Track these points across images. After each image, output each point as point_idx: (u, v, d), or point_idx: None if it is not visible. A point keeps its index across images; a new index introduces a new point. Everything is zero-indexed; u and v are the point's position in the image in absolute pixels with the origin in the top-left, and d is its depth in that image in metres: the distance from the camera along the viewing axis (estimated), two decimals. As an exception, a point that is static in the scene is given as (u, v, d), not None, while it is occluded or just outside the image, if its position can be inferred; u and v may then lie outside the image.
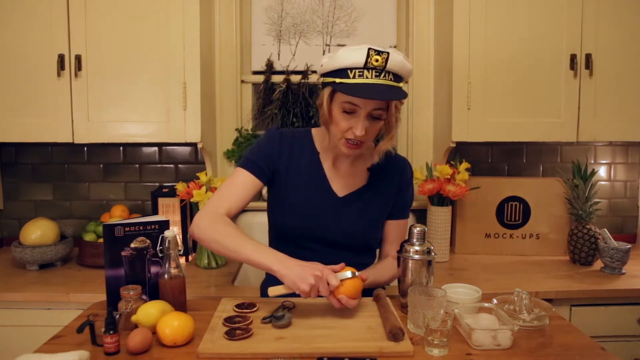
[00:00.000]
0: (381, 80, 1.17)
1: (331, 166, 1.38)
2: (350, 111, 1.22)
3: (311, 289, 1.11)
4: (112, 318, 1.04)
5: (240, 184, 1.32)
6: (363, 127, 1.21)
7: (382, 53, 1.16)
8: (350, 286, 1.15)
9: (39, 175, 2.24)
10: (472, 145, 2.22)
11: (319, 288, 1.12)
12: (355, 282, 1.16)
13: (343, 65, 1.18)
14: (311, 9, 2.26)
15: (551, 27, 1.90)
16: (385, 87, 1.18)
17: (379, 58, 1.16)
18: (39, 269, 1.88)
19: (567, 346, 1.09)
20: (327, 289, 1.13)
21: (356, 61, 1.16)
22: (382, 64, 1.16)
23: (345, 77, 1.18)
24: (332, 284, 1.13)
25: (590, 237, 1.92)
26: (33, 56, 1.85)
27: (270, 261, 1.17)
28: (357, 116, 1.22)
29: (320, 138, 1.40)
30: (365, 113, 1.21)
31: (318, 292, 1.13)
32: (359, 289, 1.17)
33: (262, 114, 2.24)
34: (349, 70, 1.17)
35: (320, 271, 1.13)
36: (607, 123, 1.94)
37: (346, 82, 1.18)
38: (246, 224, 2.16)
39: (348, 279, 1.15)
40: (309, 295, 1.12)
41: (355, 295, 1.16)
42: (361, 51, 1.16)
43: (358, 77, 1.17)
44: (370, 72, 1.17)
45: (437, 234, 2.01)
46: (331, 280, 1.13)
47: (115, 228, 1.23)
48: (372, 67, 1.16)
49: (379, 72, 1.17)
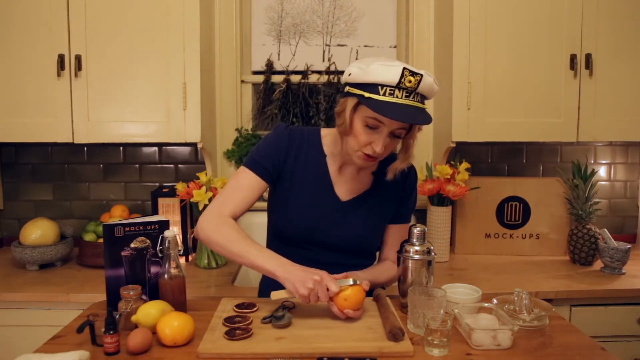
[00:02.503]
0: (410, 101, 1.16)
1: (337, 170, 1.36)
2: (374, 126, 1.20)
3: (310, 293, 1.12)
4: (112, 318, 1.04)
5: (245, 185, 1.31)
6: (384, 145, 1.21)
7: (417, 75, 1.14)
8: (353, 298, 1.14)
9: (39, 175, 2.24)
10: (472, 145, 2.23)
11: (318, 293, 1.12)
12: (357, 293, 1.15)
13: (375, 80, 1.15)
14: (311, 9, 2.26)
15: (551, 27, 1.90)
16: (413, 108, 1.16)
17: (412, 79, 1.14)
18: (39, 269, 1.88)
19: (567, 346, 1.09)
20: (326, 294, 1.13)
21: (389, 79, 1.13)
22: (414, 85, 1.14)
23: (374, 92, 1.15)
24: (332, 290, 1.13)
25: (590, 237, 1.92)
26: (33, 56, 1.85)
27: (272, 266, 1.18)
28: (379, 132, 1.20)
29: (330, 141, 1.38)
30: (388, 131, 1.20)
31: (317, 298, 1.13)
32: (361, 299, 1.17)
33: (262, 114, 2.24)
34: (379, 87, 1.15)
35: (320, 276, 1.13)
36: (607, 123, 1.94)
37: (375, 98, 1.15)
38: (246, 224, 2.16)
39: (349, 288, 1.15)
40: (308, 299, 1.13)
41: (358, 306, 1.16)
42: (396, 69, 1.13)
43: (388, 95, 1.14)
44: (401, 91, 1.14)
45: (437, 234, 2.01)
46: (330, 286, 1.13)
47: (115, 228, 1.23)
48: (404, 88, 1.14)
49: (409, 93, 1.15)
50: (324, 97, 2.21)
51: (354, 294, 1.15)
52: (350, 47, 2.27)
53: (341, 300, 1.14)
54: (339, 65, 2.26)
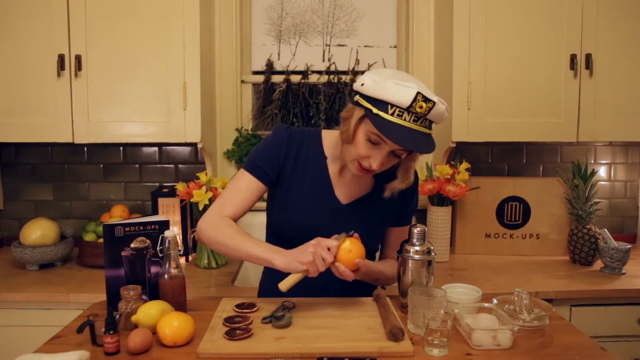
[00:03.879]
0: (417, 126, 1.14)
1: (337, 173, 1.36)
2: (375, 142, 1.19)
3: (314, 257, 1.12)
4: (112, 318, 1.04)
5: (244, 188, 1.31)
6: (382, 162, 1.20)
7: (429, 101, 1.11)
8: (355, 248, 1.16)
9: (39, 175, 2.24)
10: (472, 145, 2.23)
11: (322, 257, 1.12)
12: (357, 242, 1.18)
13: (386, 98, 1.13)
14: (311, 9, 2.26)
15: (551, 27, 1.90)
16: (419, 134, 1.14)
17: (424, 105, 1.11)
18: (39, 269, 1.88)
19: (567, 346, 1.09)
20: (329, 253, 1.13)
21: (401, 100, 1.11)
22: (425, 112, 1.12)
23: (383, 110, 1.13)
24: (332, 245, 1.14)
25: (590, 237, 1.92)
26: (33, 56, 1.85)
27: (268, 254, 1.18)
28: (379, 149, 1.19)
29: (331, 144, 1.37)
30: (389, 150, 1.19)
31: (323, 261, 1.13)
32: (363, 248, 1.18)
33: (262, 114, 2.24)
34: (389, 105, 1.13)
35: (315, 241, 1.14)
36: (607, 123, 1.94)
37: (383, 116, 1.13)
38: (246, 224, 2.15)
39: (347, 239, 1.17)
40: (315, 265, 1.12)
41: (362, 255, 1.17)
42: (410, 92, 1.11)
43: (396, 117, 1.12)
44: (410, 115, 1.13)
45: (437, 234, 2.01)
46: (330, 244, 1.14)
47: (115, 228, 1.23)
48: (414, 112, 1.12)
49: (418, 118, 1.13)
50: (324, 97, 2.21)
51: (355, 244, 1.17)
52: (350, 47, 2.27)
53: (346, 252, 1.15)
54: (339, 65, 2.26)
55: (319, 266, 1.12)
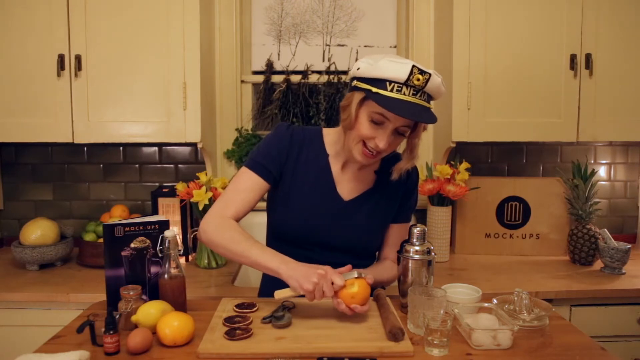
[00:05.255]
0: (417, 99, 1.16)
1: (339, 170, 1.36)
2: (379, 122, 1.20)
3: (315, 288, 1.11)
4: (112, 318, 1.04)
5: (247, 187, 1.31)
6: (388, 141, 1.21)
7: (425, 73, 1.14)
8: (360, 295, 1.13)
9: (39, 175, 2.24)
10: (472, 145, 2.23)
11: (323, 288, 1.11)
12: (364, 288, 1.14)
13: (383, 76, 1.15)
14: (311, 9, 2.26)
15: (551, 27, 1.90)
16: (420, 107, 1.16)
17: (420, 77, 1.14)
18: (39, 269, 1.88)
19: (567, 346, 1.09)
20: (331, 288, 1.12)
21: (398, 76, 1.14)
22: (422, 84, 1.15)
23: (382, 88, 1.15)
24: (337, 284, 1.12)
25: (590, 237, 1.92)
26: (33, 56, 1.85)
27: (275, 264, 1.17)
28: (384, 128, 1.20)
29: (332, 140, 1.37)
30: (393, 127, 1.20)
31: (323, 293, 1.12)
32: (368, 294, 1.15)
33: (262, 114, 2.24)
34: (387, 82, 1.15)
35: (324, 270, 1.13)
36: (607, 123, 1.94)
37: (382, 93, 1.15)
38: (246, 224, 2.15)
39: (355, 282, 1.13)
40: (313, 295, 1.11)
41: (365, 301, 1.15)
42: (405, 66, 1.13)
43: (396, 92, 1.14)
44: (408, 89, 1.15)
45: (437, 234, 2.01)
46: (336, 280, 1.12)
47: (115, 228, 1.23)
48: (412, 85, 1.14)
49: (417, 91, 1.16)
50: (324, 97, 2.20)
51: (361, 290, 1.13)
52: (350, 47, 2.27)
53: (348, 298, 1.13)
54: (339, 65, 2.26)
55: (316, 296, 1.12)
